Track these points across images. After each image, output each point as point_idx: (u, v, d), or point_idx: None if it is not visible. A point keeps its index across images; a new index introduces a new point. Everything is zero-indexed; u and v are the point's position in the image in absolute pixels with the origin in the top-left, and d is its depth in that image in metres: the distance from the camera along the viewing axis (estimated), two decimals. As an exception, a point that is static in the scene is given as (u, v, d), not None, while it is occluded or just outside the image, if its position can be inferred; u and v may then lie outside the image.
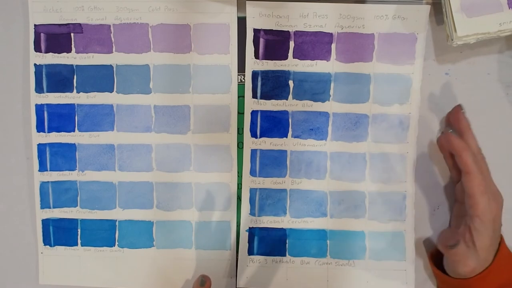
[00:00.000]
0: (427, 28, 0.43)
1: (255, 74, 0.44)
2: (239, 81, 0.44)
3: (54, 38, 0.44)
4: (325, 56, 0.43)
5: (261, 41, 0.44)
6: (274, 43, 0.44)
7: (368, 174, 0.44)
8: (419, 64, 0.43)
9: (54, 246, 0.46)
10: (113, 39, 0.44)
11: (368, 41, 0.43)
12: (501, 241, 0.39)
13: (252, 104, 0.44)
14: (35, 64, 0.45)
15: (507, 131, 0.44)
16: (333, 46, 0.43)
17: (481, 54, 0.44)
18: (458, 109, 0.41)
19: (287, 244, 0.45)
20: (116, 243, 0.45)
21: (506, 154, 0.44)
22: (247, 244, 0.45)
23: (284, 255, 0.45)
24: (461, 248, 0.38)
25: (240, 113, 0.44)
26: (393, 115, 0.44)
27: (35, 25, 0.44)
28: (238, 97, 0.44)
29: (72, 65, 0.45)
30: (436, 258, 0.43)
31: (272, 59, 0.44)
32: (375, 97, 0.44)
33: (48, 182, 0.45)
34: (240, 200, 0.45)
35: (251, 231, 0.45)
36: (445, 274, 0.41)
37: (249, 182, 0.44)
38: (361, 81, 0.44)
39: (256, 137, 0.44)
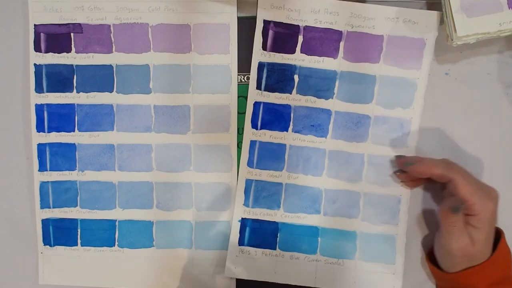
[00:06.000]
0: (436, 35, 0.43)
1: (261, 66, 0.44)
2: (239, 81, 0.44)
3: (54, 38, 0.44)
4: (333, 53, 0.43)
5: (270, 33, 0.43)
6: (283, 36, 0.43)
7: (365, 175, 0.44)
8: (425, 69, 0.43)
9: (54, 246, 0.46)
10: (113, 39, 0.44)
11: (377, 42, 0.43)
12: (501, 238, 0.39)
13: (255, 95, 0.44)
14: (35, 64, 0.45)
15: (507, 131, 0.44)
16: (342, 44, 0.43)
17: (481, 54, 0.44)
18: (399, 161, 0.43)
19: (278, 238, 0.44)
20: (116, 243, 0.45)
21: (506, 154, 0.44)
22: (238, 234, 0.45)
23: (274, 248, 0.44)
24: (460, 220, 0.38)
25: (240, 113, 0.44)
26: (395, 119, 0.44)
27: (35, 25, 0.44)
28: (238, 97, 0.44)
29: (72, 65, 0.45)
30: (433, 257, 0.43)
31: (279, 52, 0.44)
32: (379, 99, 0.43)
33: (48, 182, 0.45)
34: (240, 200, 0.45)
35: (244, 221, 0.45)
36: (441, 271, 0.41)
37: (245, 172, 0.44)
38: (366, 82, 0.43)
39: (256, 129, 0.44)
